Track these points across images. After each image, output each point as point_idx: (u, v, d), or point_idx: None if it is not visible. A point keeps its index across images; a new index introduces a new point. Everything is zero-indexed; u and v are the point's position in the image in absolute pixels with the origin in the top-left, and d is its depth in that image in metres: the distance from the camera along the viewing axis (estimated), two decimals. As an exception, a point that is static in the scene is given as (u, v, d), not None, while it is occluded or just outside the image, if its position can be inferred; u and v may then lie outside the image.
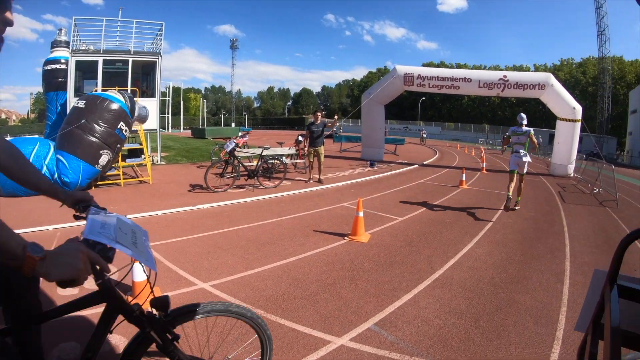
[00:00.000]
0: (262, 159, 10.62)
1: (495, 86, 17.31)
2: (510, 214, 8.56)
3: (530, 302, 4.19)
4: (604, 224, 8.32)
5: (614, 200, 11.10)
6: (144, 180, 10.67)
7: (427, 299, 4.12)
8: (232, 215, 7.30)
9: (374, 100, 18.51)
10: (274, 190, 9.83)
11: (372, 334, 3.38)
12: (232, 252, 5.27)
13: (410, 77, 17.88)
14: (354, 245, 5.82)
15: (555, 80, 16.83)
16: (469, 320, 3.71)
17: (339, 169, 15.20)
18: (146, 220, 6.71)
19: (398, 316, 3.72)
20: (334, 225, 6.83)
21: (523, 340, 3.40)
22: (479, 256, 5.61)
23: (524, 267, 5.25)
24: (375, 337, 3.34)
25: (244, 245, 5.58)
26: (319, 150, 11.14)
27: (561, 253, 5.98)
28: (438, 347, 3.22)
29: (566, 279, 4.93)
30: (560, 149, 17.46)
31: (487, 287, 4.51)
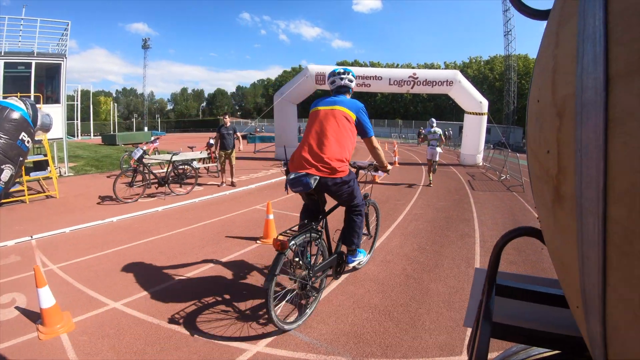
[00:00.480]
0: (172, 165, 10.23)
1: (406, 83, 18.39)
2: (421, 204, 9.07)
3: (442, 289, 4.44)
4: (512, 207, 9.12)
5: (520, 185, 12.25)
6: (51, 194, 9.75)
7: (341, 296, 4.19)
8: (143, 226, 6.95)
9: (286, 99, 18.61)
10: (186, 197, 9.51)
11: (288, 338, 3.39)
12: (144, 267, 5.05)
13: (322, 76, 18.28)
14: (266, 248, 5.76)
15: (462, 77, 18.30)
16: (383, 313, 3.83)
17: (252, 170, 15.05)
18: (53, 239, 6.22)
19: (312, 316, 3.75)
20: (247, 230, 6.73)
21: (437, 327, 3.59)
22: (392, 249, 5.84)
23: (435, 256, 5.56)
24: (290, 340, 3.35)
25: (156, 258, 5.34)
26: (229, 153, 11.10)
27: (471, 239, 6.42)
28: (354, 343, 3.29)
29: (476, 263, 5.31)
30: (469, 140, 19.03)
31: (400, 279, 4.70)
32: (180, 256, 5.42)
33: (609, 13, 0.49)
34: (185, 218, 7.57)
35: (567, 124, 0.58)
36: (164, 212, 8.15)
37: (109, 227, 6.93)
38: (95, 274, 4.78)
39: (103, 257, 5.39)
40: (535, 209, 8.86)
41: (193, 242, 6.07)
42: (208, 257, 5.40)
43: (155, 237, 6.28)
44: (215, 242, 6.06)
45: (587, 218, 0.53)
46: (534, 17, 0.93)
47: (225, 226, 6.98)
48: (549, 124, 0.65)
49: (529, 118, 0.84)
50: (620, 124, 0.46)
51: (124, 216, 7.55)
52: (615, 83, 0.47)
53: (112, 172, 14.17)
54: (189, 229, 6.77)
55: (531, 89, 0.85)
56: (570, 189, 0.57)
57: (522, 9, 0.94)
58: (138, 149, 9.63)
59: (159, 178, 9.74)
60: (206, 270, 4.91)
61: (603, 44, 0.49)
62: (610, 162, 0.48)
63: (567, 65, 0.60)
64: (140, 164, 9.38)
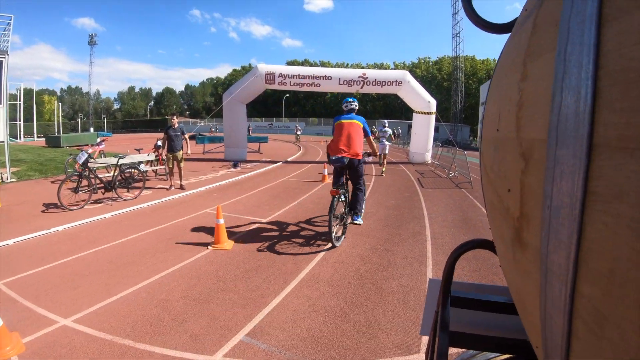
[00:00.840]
0: (119, 169, 9.78)
1: (355, 83, 18.65)
2: (372, 203, 9.23)
3: (396, 287, 4.50)
4: (461, 204, 9.43)
5: (468, 182, 12.70)
6: None
7: (296, 301, 4.15)
8: (90, 235, 6.57)
9: (235, 99, 18.35)
10: (134, 202, 9.12)
11: (245, 346, 3.31)
12: (92, 278, 4.76)
13: (272, 76, 18.20)
14: (218, 254, 5.62)
15: (411, 77, 18.76)
16: (339, 315, 3.83)
17: (201, 172, 14.68)
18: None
19: (268, 323, 3.69)
20: (197, 235, 6.54)
21: (394, 327, 3.63)
22: (344, 249, 5.87)
23: (388, 255, 5.64)
24: (248, 348, 3.27)
25: (104, 269, 5.05)
26: (177, 155, 10.79)
27: (422, 236, 6.57)
28: (312, 348, 3.27)
29: (428, 261, 5.42)
30: (418, 139, 19.56)
31: (354, 280, 4.72)
32: (130, 265, 5.17)
33: (600, 67, 0.44)
34: (133, 224, 7.27)
35: (534, 172, 0.56)
36: (112, 218, 7.78)
37: (55, 237, 6.52)
38: (43, 290, 4.48)
39: (50, 271, 5.05)
40: (486, 210, 9.19)
41: (143, 249, 5.82)
42: (159, 265, 5.19)
43: (104, 246, 5.96)
44: (165, 249, 5.85)
45: (553, 281, 0.51)
46: (491, 31, 0.94)
47: (176, 232, 6.75)
48: (511, 162, 0.63)
49: (484, 140, 0.84)
50: (603, 201, 0.42)
51: (70, 225, 7.13)
52: (601, 153, 0.43)
53: (57, 177, 13.36)
54: (138, 236, 6.50)
55: (487, 108, 0.84)
56: (534, 241, 0.55)
57: (479, 22, 0.95)
58: (83, 153, 9.15)
59: (105, 183, 9.29)
60: (157, 280, 4.71)
61: (590, 103, 0.44)
62: (587, 238, 0.45)
63: (537, 106, 0.57)
64: (85, 169, 8.92)
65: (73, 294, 4.34)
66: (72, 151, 18.39)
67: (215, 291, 4.39)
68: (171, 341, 3.39)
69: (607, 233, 0.41)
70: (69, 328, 3.63)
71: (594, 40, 0.44)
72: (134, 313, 3.89)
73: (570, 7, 0.50)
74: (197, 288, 4.48)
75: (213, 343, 3.36)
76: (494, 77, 0.84)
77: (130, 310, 3.96)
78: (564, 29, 0.51)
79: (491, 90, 0.83)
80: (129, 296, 4.28)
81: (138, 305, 4.06)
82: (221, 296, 4.26)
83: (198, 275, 4.87)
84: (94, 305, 4.05)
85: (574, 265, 0.46)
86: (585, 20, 0.46)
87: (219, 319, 3.76)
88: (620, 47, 0.40)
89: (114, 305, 4.06)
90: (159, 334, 3.52)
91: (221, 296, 4.26)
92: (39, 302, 4.15)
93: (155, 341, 3.40)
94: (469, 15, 0.97)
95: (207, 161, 18.72)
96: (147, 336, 3.47)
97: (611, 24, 0.42)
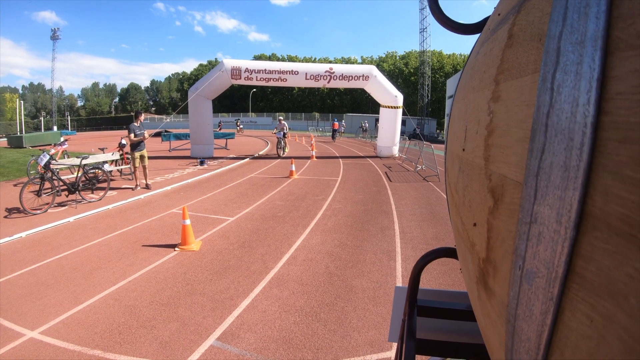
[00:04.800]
0: (83, 170, 9.42)
1: (322, 78, 18.66)
2: (339, 199, 9.25)
3: (366, 284, 4.53)
4: (429, 197, 9.60)
5: (435, 175, 12.94)
6: None
7: (266, 301, 4.13)
8: (54, 240, 6.31)
9: (200, 95, 18.03)
10: (99, 204, 8.81)
11: (216, 351, 3.28)
12: (58, 287, 4.59)
13: (238, 71, 17.98)
14: (185, 255, 5.53)
15: (378, 71, 18.88)
16: (310, 315, 3.83)
17: (168, 170, 14.35)
18: None
19: (239, 326, 3.66)
20: (164, 236, 6.40)
21: (365, 324, 3.67)
22: (313, 247, 5.88)
23: (357, 251, 5.68)
24: (219, 353, 3.25)
25: (69, 276, 4.88)
26: (143, 153, 10.56)
27: (391, 231, 6.64)
28: (284, 349, 3.26)
29: (397, 256, 5.49)
30: (385, 133, 19.75)
31: (323, 278, 4.74)
32: (96, 272, 5.02)
33: (604, 113, 0.33)
34: (98, 228, 7.04)
35: (503, 218, 0.47)
36: (76, 222, 7.51)
37: (19, 244, 6.23)
38: (7, 301, 4.29)
39: (14, 280, 4.84)
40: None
41: (108, 254, 5.66)
42: (125, 270, 5.06)
43: (69, 252, 5.75)
44: (131, 252, 5.69)
45: (520, 349, 0.43)
46: (459, 32, 0.91)
47: (142, 234, 6.59)
48: (478, 193, 0.54)
49: (449, 154, 0.81)
50: (591, 292, 0.33)
51: (33, 230, 6.83)
52: (594, 229, 0.33)
53: (20, 180, 12.77)
54: (103, 240, 6.30)
55: (452, 118, 0.81)
56: (500, 293, 0.47)
57: (446, 22, 0.94)
58: (44, 154, 8.78)
59: (68, 185, 8.95)
60: (125, 286, 4.60)
61: (586, 159, 0.34)
62: (565, 326, 0.36)
63: (511, 138, 0.47)
64: (47, 171, 8.58)
65: (39, 305, 4.20)
66: (35, 152, 17.69)
67: (184, 294, 4.32)
68: (141, 349, 3.34)
69: (591, 332, 0.32)
70: (36, 340, 3.53)
71: (597, 73, 0.33)
72: (102, 321, 3.81)
73: (562, 21, 0.39)
74: (165, 292, 4.40)
75: (183, 349, 3.32)
76: (461, 84, 0.79)
77: (98, 318, 3.87)
78: (551, 48, 0.41)
79: (457, 97, 0.79)
80: (97, 304, 4.17)
81: (106, 313, 3.97)
82: (190, 299, 4.20)
83: (165, 278, 4.78)
84: (61, 315, 3.95)
85: (545, 347, 0.38)
86: (584, 43, 0.35)
87: (189, 324, 3.71)
88: (637, 90, 0.29)
89: (81, 315, 3.96)
90: (128, 342, 3.45)
91: (190, 299, 4.20)
92: (3, 314, 4.01)
93: (124, 350, 3.34)
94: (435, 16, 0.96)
95: (174, 159, 18.34)
96: (116, 345, 3.41)
97: (625, 55, 0.31)
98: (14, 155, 20.41)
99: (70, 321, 3.84)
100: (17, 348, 3.40)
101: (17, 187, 11.14)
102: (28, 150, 23.41)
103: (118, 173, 13.25)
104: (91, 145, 21.89)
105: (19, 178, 12.96)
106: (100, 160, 10.72)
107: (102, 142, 18.88)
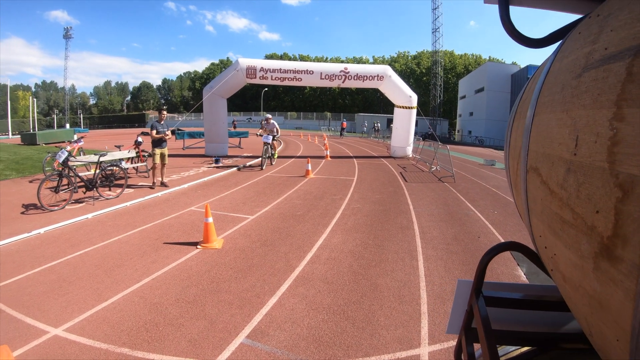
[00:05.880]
0: (100, 167, 9.56)
1: (337, 78, 18.72)
2: (357, 198, 9.28)
3: (391, 283, 4.55)
4: (445, 198, 9.57)
5: (451, 175, 12.86)
6: None
7: (293, 300, 4.15)
8: (73, 237, 6.37)
9: (215, 94, 18.15)
10: (117, 201, 8.91)
11: (247, 349, 3.29)
12: (80, 284, 4.60)
13: (253, 70, 18.10)
14: (208, 253, 5.57)
15: (392, 72, 18.88)
16: (337, 313, 3.85)
17: (183, 168, 14.47)
18: None
19: (268, 324, 3.68)
20: (185, 234, 6.46)
21: (393, 322, 3.68)
22: (335, 246, 5.89)
23: (379, 250, 5.69)
24: (250, 351, 3.25)
25: (91, 273, 4.90)
26: (164, 151, 10.67)
27: (410, 231, 6.64)
28: (314, 347, 3.28)
29: (419, 255, 5.49)
30: (399, 133, 19.74)
31: (348, 277, 4.75)
32: (118, 269, 5.05)
33: None
34: (118, 225, 7.11)
35: (635, 204, 0.57)
36: (95, 219, 7.59)
37: (37, 240, 6.30)
38: (29, 297, 4.30)
39: (35, 277, 4.86)
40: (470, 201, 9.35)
41: (130, 251, 5.70)
42: (148, 267, 5.09)
43: (89, 249, 5.80)
44: (153, 250, 5.74)
45: None
46: (530, 46, 0.99)
47: (162, 231, 6.65)
48: (601, 188, 0.64)
49: (545, 156, 0.84)
50: None
51: (52, 227, 6.89)
52: None
53: (35, 176, 12.96)
54: (123, 237, 6.36)
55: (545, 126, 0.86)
56: (632, 258, 0.57)
57: (518, 36, 0.98)
58: (62, 151, 8.89)
59: (86, 182, 9.06)
60: (148, 283, 4.62)
61: None
62: None
63: None
64: (65, 167, 8.68)
65: (62, 301, 4.19)
66: (50, 149, 17.88)
67: (210, 292, 4.35)
68: (169, 347, 3.34)
69: None
70: (61, 338, 3.51)
71: None
72: (128, 319, 3.81)
73: None
74: (191, 290, 4.42)
75: (213, 347, 3.32)
76: (547, 95, 0.85)
77: (123, 316, 3.87)
78: None
79: (553, 109, 0.83)
80: (121, 301, 4.18)
81: (131, 311, 3.97)
82: (216, 297, 4.23)
83: (190, 276, 4.81)
84: (84, 313, 3.93)
85: None
86: None
87: (217, 322, 3.72)
88: None
89: (105, 312, 3.96)
90: (155, 340, 3.45)
91: (216, 297, 4.23)
92: (26, 311, 4.00)
93: (152, 348, 3.33)
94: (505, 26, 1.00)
95: (188, 157, 18.48)
96: (144, 343, 3.40)
97: None
98: (28, 152, 20.68)
99: (95, 318, 3.84)
100: (41, 345, 3.39)
101: (32, 183, 11.32)
102: (42, 147, 23.68)
103: (134, 171, 13.38)
104: (104, 142, 22.11)
105: (34, 175, 13.13)
106: (117, 158, 10.84)
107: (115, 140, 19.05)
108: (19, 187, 10.95)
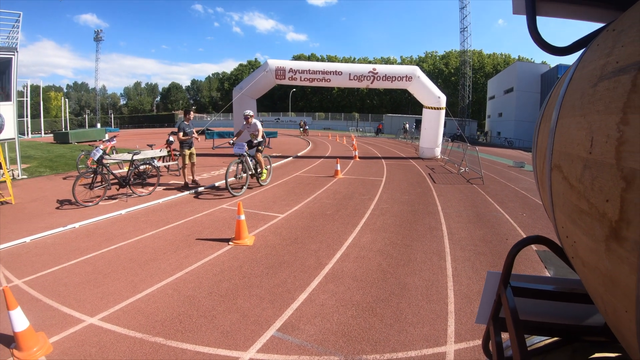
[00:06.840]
0: (133, 165, 9.91)
1: (365, 78, 18.70)
2: (386, 199, 9.30)
3: (419, 282, 4.60)
4: (474, 200, 9.50)
5: (479, 177, 12.73)
6: (6, 200, 9.05)
7: (323, 295, 4.26)
8: (107, 232, 6.65)
9: (245, 94, 18.44)
10: (149, 198, 9.19)
11: (278, 341, 3.40)
12: (115, 276, 4.81)
13: (282, 71, 18.31)
14: (239, 249, 5.74)
15: (421, 72, 18.76)
16: (366, 309, 3.94)
17: (213, 167, 14.79)
18: (14, 250, 5.73)
19: (298, 318, 3.79)
20: (217, 231, 6.66)
21: (420, 320, 3.75)
22: (364, 245, 5.97)
23: (407, 250, 5.74)
24: (281, 344, 3.37)
25: (126, 266, 5.12)
26: (192, 151, 10.93)
27: (439, 232, 6.66)
28: (343, 342, 3.38)
29: (447, 256, 5.52)
30: (428, 134, 19.62)
31: (377, 275, 4.83)
32: (152, 262, 5.26)
33: None
34: (151, 221, 7.37)
35: (636, 191, 0.66)
36: (128, 215, 7.89)
37: (72, 234, 6.60)
38: (65, 288, 4.50)
39: (70, 268, 5.10)
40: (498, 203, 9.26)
41: (163, 246, 5.92)
42: (181, 262, 5.27)
43: (123, 243, 6.05)
44: (185, 245, 5.94)
45: None
46: (556, 54, 1.08)
47: (194, 228, 6.86)
48: (610, 180, 0.74)
49: (565, 155, 0.93)
50: None
51: (86, 221, 7.20)
52: None
53: (68, 173, 13.51)
54: (156, 233, 6.60)
55: (567, 129, 0.95)
56: (634, 236, 0.66)
57: (542, 44, 1.07)
58: (97, 149, 9.25)
59: (119, 179, 9.39)
60: (182, 277, 4.80)
61: None
62: None
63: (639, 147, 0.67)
64: (99, 165, 9.03)
65: (97, 292, 4.37)
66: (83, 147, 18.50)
67: (242, 287, 4.49)
68: (202, 338, 3.47)
69: None
70: (96, 327, 3.66)
71: None
72: (162, 310, 3.96)
73: None
74: (223, 284, 4.58)
75: (245, 339, 3.45)
76: (570, 101, 0.94)
77: (157, 307, 4.03)
78: None
79: (574, 113, 0.91)
80: (155, 293, 4.35)
81: (165, 303, 4.12)
82: (248, 292, 4.37)
83: (222, 271, 4.97)
84: (120, 303, 4.10)
85: None
86: None
87: (248, 315, 3.85)
88: None
89: (140, 303, 4.12)
90: (189, 330, 3.59)
91: (248, 292, 4.37)
92: (62, 301, 4.18)
93: (186, 338, 3.47)
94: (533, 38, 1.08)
95: (218, 156, 18.83)
96: (177, 333, 3.54)
97: None
98: (61, 150, 21.45)
99: (130, 309, 3.99)
100: (77, 333, 3.54)
101: (66, 180, 11.76)
102: (74, 146, 24.50)
103: (165, 169, 13.74)
104: (135, 142, 22.66)
105: (67, 172, 13.65)
106: (149, 156, 11.16)
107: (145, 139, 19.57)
108: (53, 184, 11.43)
